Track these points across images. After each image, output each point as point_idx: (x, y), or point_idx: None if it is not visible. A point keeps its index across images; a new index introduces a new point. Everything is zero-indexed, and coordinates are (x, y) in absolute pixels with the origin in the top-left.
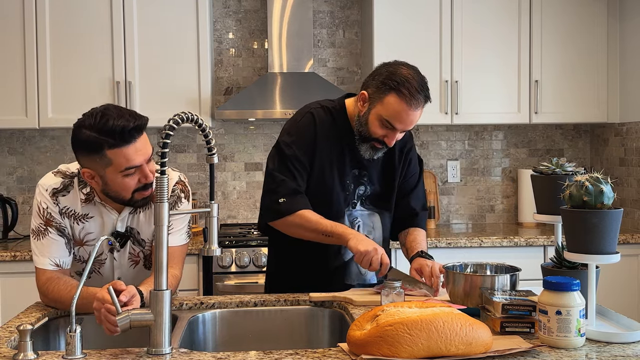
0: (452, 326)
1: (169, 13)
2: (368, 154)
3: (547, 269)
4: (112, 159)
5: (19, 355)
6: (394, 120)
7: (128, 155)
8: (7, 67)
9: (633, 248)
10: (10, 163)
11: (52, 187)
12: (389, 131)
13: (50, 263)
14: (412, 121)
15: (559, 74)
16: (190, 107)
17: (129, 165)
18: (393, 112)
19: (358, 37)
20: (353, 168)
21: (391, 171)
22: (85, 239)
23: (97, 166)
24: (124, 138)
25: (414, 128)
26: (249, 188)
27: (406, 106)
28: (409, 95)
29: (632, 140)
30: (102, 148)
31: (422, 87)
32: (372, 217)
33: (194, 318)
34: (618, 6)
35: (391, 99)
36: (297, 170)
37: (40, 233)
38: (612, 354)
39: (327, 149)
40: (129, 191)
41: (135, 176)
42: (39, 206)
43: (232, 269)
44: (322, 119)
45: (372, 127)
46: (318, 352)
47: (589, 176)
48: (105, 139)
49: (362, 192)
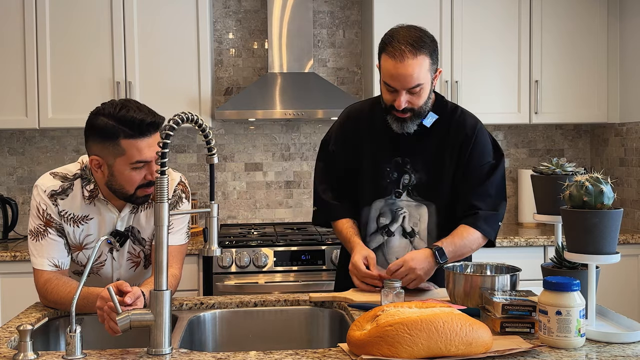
0: (452, 326)
1: (169, 13)
2: (396, 127)
3: (547, 269)
4: (125, 149)
5: (19, 355)
6: (388, 80)
7: (141, 148)
8: (7, 67)
9: (633, 248)
10: (10, 163)
11: (51, 189)
12: (394, 94)
13: (49, 264)
14: (406, 77)
15: (559, 74)
16: (190, 107)
17: (140, 158)
18: (385, 71)
19: (358, 37)
20: (395, 156)
21: (442, 158)
22: (84, 242)
23: (109, 155)
24: (141, 130)
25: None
26: (249, 188)
27: (392, 61)
28: (393, 50)
29: (632, 140)
30: (117, 136)
31: (409, 40)
32: (420, 209)
33: (194, 318)
34: (618, 6)
35: (383, 60)
36: (326, 177)
37: (39, 234)
38: (612, 354)
39: (357, 138)
40: (133, 186)
41: (142, 171)
42: (37, 207)
43: (232, 269)
44: (355, 112)
45: (383, 94)
46: (318, 352)
47: (589, 176)
48: (123, 128)
49: (408, 182)
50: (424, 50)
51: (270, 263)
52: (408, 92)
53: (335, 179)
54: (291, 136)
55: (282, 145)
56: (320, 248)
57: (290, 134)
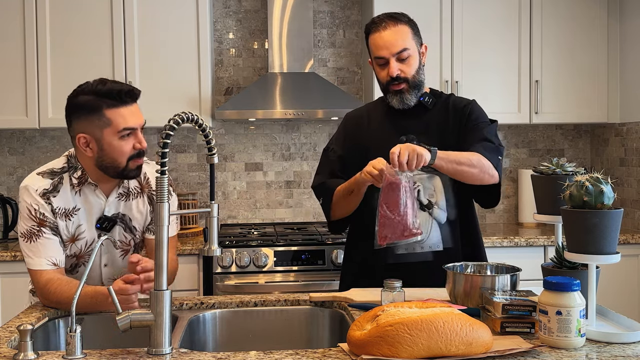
0: (452, 326)
1: (169, 13)
2: (396, 102)
3: (548, 269)
4: (110, 118)
5: (19, 355)
6: (377, 51)
7: (125, 115)
8: (7, 67)
9: (633, 248)
10: (10, 163)
11: (42, 187)
12: (385, 67)
13: (48, 263)
14: (391, 42)
15: (559, 74)
16: (190, 107)
17: (126, 125)
18: (373, 47)
19: (358, 37)
20: (399, 135)
21: (445, 128)
22: (77, 233)
23: (95, 128)
24: (122, 99)
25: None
26: (249, 188)
27: (377, 33)
28: (376, 25)
29: (632, 140)
30: (101, 108)
31: (388, 14)
32: (433, 180)
33: (194, 318)
34: (618, 7)
35: (369, 41)
36: (327, 165)
37: (33, 235)
38: (612, 354)
39: (357, 128)
40: (124, 157)
41: (130, 140)
42: (29, 208)
43: (232, 269)
44: (354, 115)
45: (378, 75)
46: (318, 352)
47: (589, 176)
48: (104, 99)
49: None
50: (403, 20)
51: (270, 263)
52: (397, 59)
53: (330, 170)
54: (291, 136)
55: (282, 145)
56: (320, 248)
57: (291, 134)
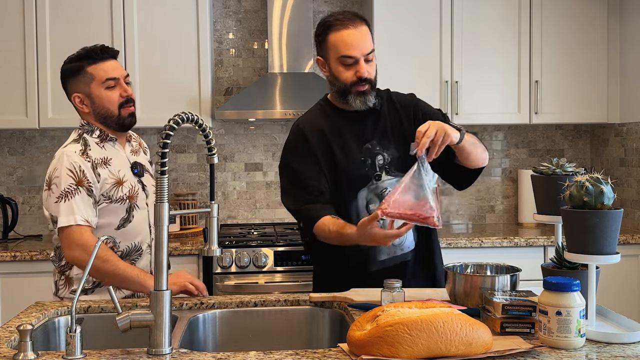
0: (452, 326)
1: (169, 13)
2: (359, 103)
3: (547, 270)
4: (92, 73)
5: (19, 355)
6: (347, 50)
7: (105, 68)
8: (7, 67)
9: (633, 248)
10: (10, 163)
11: (78, 148)
12: (353, 67)
13: (82, 219)
14: (362, 42)
15: (559, 74)
16: (190, 107)
17: (108, 76)
18: (341, 44)
19: None
20: (363, 144)
21: (400, 130)
22: (121, 176)
23: (83, 85)
24: (99, 56)
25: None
26: (249, 188)
27: (344, 30)
28: (341, 22)
29: (632, 140)
30: (83, 67)
31: (350, 13)
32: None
33: (194, 318)
34: (618, 6)
35: (332, 37)
36: (299, 184)
37: (69, 194)
38: (612, 355)
39: (323, 142)
40: (114, 105)
41: (116, 90)
42: (69, 168)
43: (232, 269)
44: (308, 120)
45: (340, 75)
46: (318, 353)
47: (589, 176)
48: (85, 60)
49: (382, 162)
50: (365, 21)
51: (270, 263)
52: (365, 59)
53: (305, 187)
54: None
55: (282, 145)
56: None
57: None
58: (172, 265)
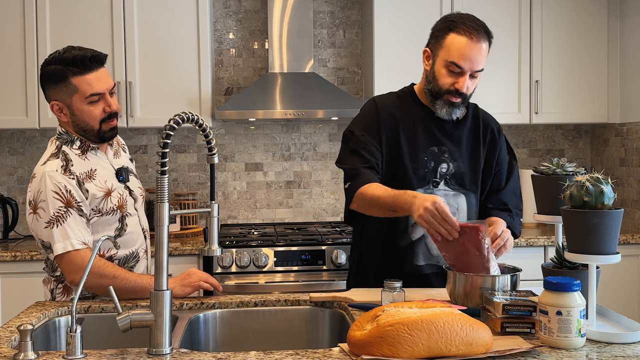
0: (452, 326)
1: (169, 13)
2: (445, 112)
3: (548, 269)
4: (77, 85)
5: (20, 355)
6: (459, 59)
7: (91, 81)
8: (7, 67)
9: (633, 248)
10: (10, 163)
11: (60, 165)
12: (458, 76)
13: (79, 242)
14: (477, 58)
15: (560, 74)
16: (190, 107)
17: (92, 91)
18: (456, 50)
19: (358, 37)
20: (431, 145)
21: (476, 148)
22: (108, 186)
23: (65, 95)
24: (86, 65)
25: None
26: (249, 188)
27: (467, 39)
28: (467, 29)
29: (633, 140)
30: (67, 77)
31: (480, 24)
32: (457, 198)
33: (194, 318)
34: (618, 6)
35: (451, 39)
36: (359, 153)
37: (60, 218)
38: (612, 355)
39: (393, 127)
40: (96, 120)
41: (99, 104)
42: (55, 190)
43: (233, 269)
44: (385, 101)
45: (440, 78)
46: (318, 353)
47: (589, 176)
48: (70, 68)
49: (445, 171)
50: (489, 39)
51: (270, 263)
52: (471, 75)
53: (362, 156)
54: (291, 136)
55: (282, 145)
56: (320, 248)
57: (291, 134)
58: (172, 265)
